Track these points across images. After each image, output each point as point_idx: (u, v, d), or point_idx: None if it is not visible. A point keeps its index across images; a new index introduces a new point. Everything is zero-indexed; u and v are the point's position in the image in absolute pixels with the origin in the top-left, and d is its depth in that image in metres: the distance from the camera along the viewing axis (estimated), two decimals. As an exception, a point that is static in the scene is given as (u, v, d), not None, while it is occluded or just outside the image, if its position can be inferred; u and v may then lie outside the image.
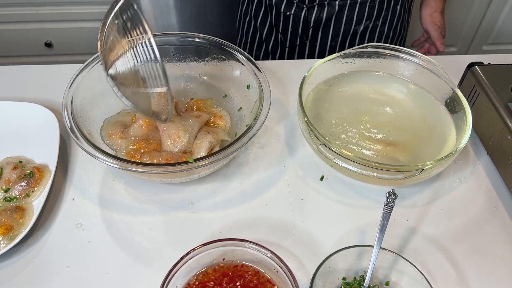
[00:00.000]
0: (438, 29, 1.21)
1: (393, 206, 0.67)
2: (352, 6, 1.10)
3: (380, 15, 1.12)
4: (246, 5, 1.22)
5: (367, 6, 1.10)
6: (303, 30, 1.14)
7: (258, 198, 0.77)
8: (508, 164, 0.77)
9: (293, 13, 1.11)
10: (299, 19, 1.12)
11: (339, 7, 1.09)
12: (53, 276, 0.66)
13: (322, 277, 0.62)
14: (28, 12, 1.80)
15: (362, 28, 1.13)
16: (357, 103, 0.86)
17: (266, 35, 1.20)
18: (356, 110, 0.85)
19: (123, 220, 0.73)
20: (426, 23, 1.22)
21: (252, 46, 1.26)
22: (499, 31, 2.06)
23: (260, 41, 1.23)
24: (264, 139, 0.86)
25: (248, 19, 1.22)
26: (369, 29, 1.14)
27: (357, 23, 1.12)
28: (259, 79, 0.79)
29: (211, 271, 0.64)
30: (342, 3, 1.09)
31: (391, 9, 1.12)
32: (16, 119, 0.83)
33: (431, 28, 1.21)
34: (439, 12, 1.21)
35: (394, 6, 1.13)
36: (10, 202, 0.72)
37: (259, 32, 1.21)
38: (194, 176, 0.74)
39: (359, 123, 0.82)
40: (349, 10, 1.10)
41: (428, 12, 1.21)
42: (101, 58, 0.64)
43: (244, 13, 1.23)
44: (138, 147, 0.75)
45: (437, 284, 0.67)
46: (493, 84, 0.84)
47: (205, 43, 0.85)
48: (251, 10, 1.21)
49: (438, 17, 1.21)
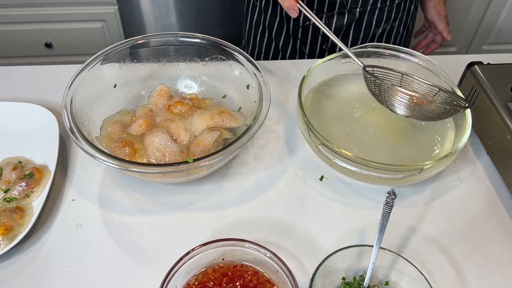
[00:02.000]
0: (443, 19, 1.20)
1: (392, 205, 0.67)
2: (372, 12, 1.09)
3: (397, 17, 1.12)
4: (258, 15, 1.19)
5: (386, 10, 1.09)
6: (323, 39, 1.13)
7: (257, 198, 0.77)
8: (508, 163, 0.77)
9: (312, 23, 1.10)
10: (318, 29, 1.10)
11: (359, 13, 1.08)
12: (52, 277, 0.66)
13: (322, 277, 0.62)
14: (28, 12, 1.80)
15: (380, 31, 1.13)
16: (356, 103, 0.86)
17: (282, 44, 1.18)
18: (356, 110, 0.85)
19: (122, 220, 0.73)
20: (432, 14, 1.21)
21: (267, 56, 1.24)
22: (499, 31, 2.06)
23: (276, 50, 1.21)
24: (264, 139, 0.86)
25: (261, 29, 1.20)
26: (386, 31, 1.14)
27: (376, 27, 1.12)
28: (259, 79, 0.79)
29: (210, 271, 0.64)
30: (363, 10, 1.08)
31: (406, 9, 1.12)
32: (16, 119, 0.83)
33: (437, 19, 1.20)
34: (443, 2, 1.21)
35: (409, 6, 1.12)
36: (10, 203, 0.72)
37: (274, 42, 1.19)
38: (194, 176, 0.74)
39: (359, 123, 0.82)
40: (369, 16, 1.09)
41: (433, 4, 1.20)
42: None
43: (256, 22, 1.20)
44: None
45: (437, 283, 0.67)
46: (492, 83, 0.84)
47: (205, 43, 0.86)
48: (264, 20, 1.18)
49: (443, 7, 1.21)
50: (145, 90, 0.88)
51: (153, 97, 0.84)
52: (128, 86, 0.86)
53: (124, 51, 0.84)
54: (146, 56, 0.87)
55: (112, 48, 0.83)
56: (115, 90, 0.85)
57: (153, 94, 0.84)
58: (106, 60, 0.82)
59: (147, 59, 0.87)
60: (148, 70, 0.88)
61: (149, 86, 0.87)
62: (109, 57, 0.82)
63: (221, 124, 0.79)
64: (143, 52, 0.86)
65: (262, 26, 1.20)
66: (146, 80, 0.88)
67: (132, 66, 0.86)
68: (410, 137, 0.81)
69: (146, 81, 0.88)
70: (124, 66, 0.85)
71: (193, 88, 0.90)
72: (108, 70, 0.83)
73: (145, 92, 0.88)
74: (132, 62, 0.86)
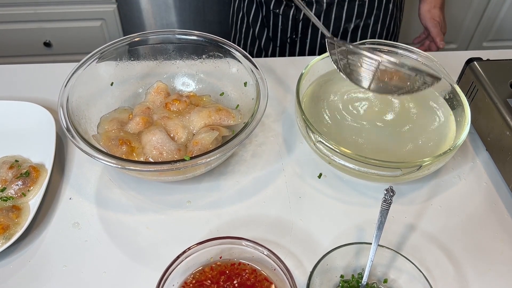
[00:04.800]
0: (437, 25, 1.19)
1: (391, 202, 0.66)
2: (340, 4, 1.09)
3: (371, 14, 1.11)
4: (238, 1, 1.21)
5: (356, 4, 1.09)
6: (293, 28, 1.14)
7: (255, 196, 0.76)
8: (507, 160, 0.77)
9: (282, 12, 1.11)
10: (287, 17, 1.11)
11: (327, 5, 1.09)
12: (49, 276, 0.66)
13: (320, 275, 0.62)
14: (27, 11, 1.80)
15: (353, 27, 1.12)
16: (354, 100, 0.85)
17: (258, 31, 1.19)
18: (354, 107, 0.84)
19: (120, 219, 0.73)
20: (425, 19, 1.21)
21: (246, 42, 1.26)
22: (499, 28, 2.06)
23: (253, 37, 1.22)
24: (262, 137, 0.85)
25: (241, 16, 1.22)
26: (360, 28, 1.13)
27: (346, 21, 1.12)
28: (256, 77, 0.79)
29: (208, 270, 0.63)
30: (330, 1, 1.08)
31: (383, 7, 1.11)
32: (13, 118, 0.83)
33: (430, 25, 1.20)
34: (438, 8, 1.20)
35: (387, 5, 1.12)
36: (6, 202, 0.71)
37: (251, 29, 1.21)
38: (191, 174, 0.74)
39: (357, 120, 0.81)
40: (338, 8, 1.09)
41: (427, 8, 1.20)
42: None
43: (237, 9, 1.23)
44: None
45: (436, 281, 0.66)
46: (492, 79, 0.83)
47: (202, 41, 0.85)
48: (243, 6, 1.20)
49: (437, 13, 1.20)
50: (142, 88, 0.87)
51: (150, 94, 0.84)
52: (125, 84, 0.86)
53: (120, 49, 0.83)
54: (143, 53, 0.86)
55: (109, 46, 0.82)
56: (112, 88, 0.84)
57: (150, 91, 0.84)
58: (102, 58, 0.81)
59: (144, 56, 0.87)
60: (145, 68, 0.88)
61: (146, 84, 0.87)
62: (105, 55, 0.82)
63: (219, 122, 0.79)
64: (139, 49, 0.86)
65: (241, 12, 1.22)
66: (143, 78, 0.88)
67: (129, 64, 0.86)
68: (409, 133, 0.80)
69: (143, 79, 0.88)
70: (121, 64, 0.85)
71: (190, 86, 0.89)
72: (104, 68, 0.83)
73: (142, 90, 0.87)
74: (129, 60, 0.85)
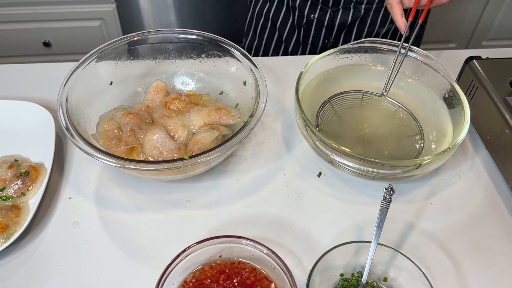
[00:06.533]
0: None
1: (390, 201, 0.66)
2: (377, 10, 1.08)
3: None
4: (261, 5, 1.18)
5: None
6: (326, 33, 1.12)
7: (255, 195, 0.76)
8: (507, 158, 0.77)
9: (317, 17, 1.09)
10: (322, 23, 1.10)
11: (365, 10, 1.07)
12: (49, 275, 0.66)
13: (320, 274, 0.62)
14: (26, 11, 1.80)
15: (385, 31, 1.12)
16: (354, 99, 0.85)
17: (286, 36, 1.17)
18: (353, 106, 0.84)
19: (119, 218, 0.73)
20: None
21: (267, 49, 1.22)
22: (498, 27, 2.06)
23: (278, 42, 1.19)
24: (261, 136, 0.85)
25: (262, 21, 1.18)
26: (391, 31, 1.13)
27: (380, 26, 1.10)
28: (255, 75, 0.79)
29: (207, 269, 0.63)
30: (368, 7, 1.07)
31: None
32: (12, 117, 0.83)
33: None
34: None
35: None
36: (6, 201, 0.71)
37: (278, 33, 1.17)
38: (191, 173, 0.74)
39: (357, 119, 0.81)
40: (374, 13, 1.08)
41: None
42: None
43: (258, 13, 1.19)
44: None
45: (435, 279, 0.66)
46: (491, 78, 0.83)
47: (201, 40, 0.85)
48: (268, 10, 1.16)
49: None
50: (141, 87, 0.87)
51: (149, 93, 0.83)
52: (124, 83, 0.86)
53: (119, 48, 0.83)
54: (142, 53, 0.86)
55: (108, 46, 0.82)
56: (111, 87, 0.84)
57: (149, 90, 0.84)
58: (101, 58, 0.81)
59: (143, 56, 0.87)
60: (145, 67, 0.88)
61: (145, 83, 0.87)
62: (104, 54, 0.82)
63: (218, 120, 0.79)
64: (139, 49, 0.86)
65: (264, 18, 1.18)
66: (143, 77, 0.88)
67: (128, 63, 0.86)
68: (408, 132, 0.80)
69: (143, 78, 0.88)
70: (120, 63, 0.85)
71: (190, 85, 0.89)
72: (103, 67, 0.83)
73: (141, 89, 0.87)
74: (128, 59, 0.85)
